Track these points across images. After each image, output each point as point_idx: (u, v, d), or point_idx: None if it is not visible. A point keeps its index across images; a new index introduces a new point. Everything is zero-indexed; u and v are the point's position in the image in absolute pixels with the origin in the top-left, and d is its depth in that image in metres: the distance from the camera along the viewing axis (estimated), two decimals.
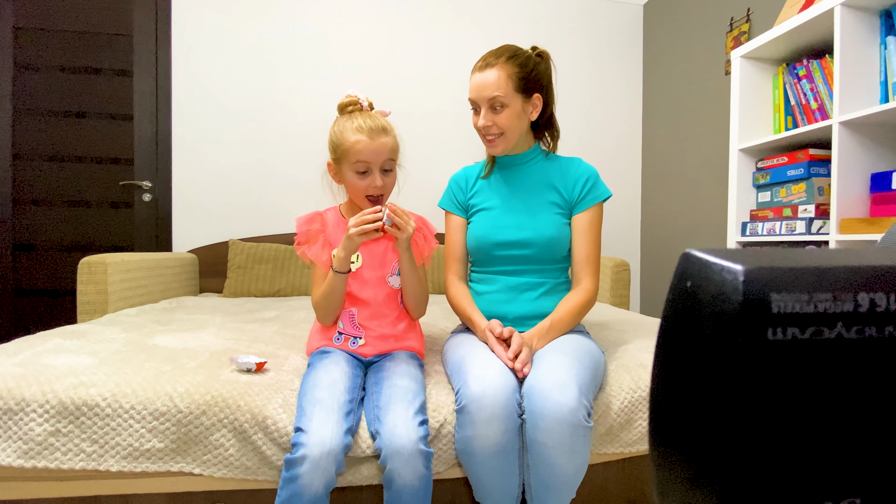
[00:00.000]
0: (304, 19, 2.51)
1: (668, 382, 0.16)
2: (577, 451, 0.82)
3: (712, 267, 0.15)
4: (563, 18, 2.77)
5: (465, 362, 0.93)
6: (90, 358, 1.01)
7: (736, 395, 0.14)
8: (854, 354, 0.14)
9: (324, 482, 0.76)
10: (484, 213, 1.15)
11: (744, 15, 2.10)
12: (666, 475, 0.17)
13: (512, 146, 1.11)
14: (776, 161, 1.64)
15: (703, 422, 0.15)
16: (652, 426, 0.17)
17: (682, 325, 0.17)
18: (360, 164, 0.98)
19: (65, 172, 2.37)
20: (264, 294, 2.21)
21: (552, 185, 1.13)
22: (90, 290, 1.63)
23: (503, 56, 1.06)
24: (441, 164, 2.59)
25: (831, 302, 0.14)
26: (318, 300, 1.01)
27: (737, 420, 0.14)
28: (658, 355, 0.18)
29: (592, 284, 1.09)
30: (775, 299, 0.14)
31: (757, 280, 0.14)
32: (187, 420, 0.86)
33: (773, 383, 0.14)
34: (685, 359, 0.16)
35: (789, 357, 0.14)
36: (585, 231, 1.10)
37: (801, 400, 0.14)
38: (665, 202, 2.66)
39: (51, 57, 2.35)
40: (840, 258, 0.15)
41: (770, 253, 0.16)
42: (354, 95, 1.03)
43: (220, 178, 2.45)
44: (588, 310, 1.09)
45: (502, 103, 1.05)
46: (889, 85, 1.32)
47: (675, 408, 0.16)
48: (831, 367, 0.14)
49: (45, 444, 0.83)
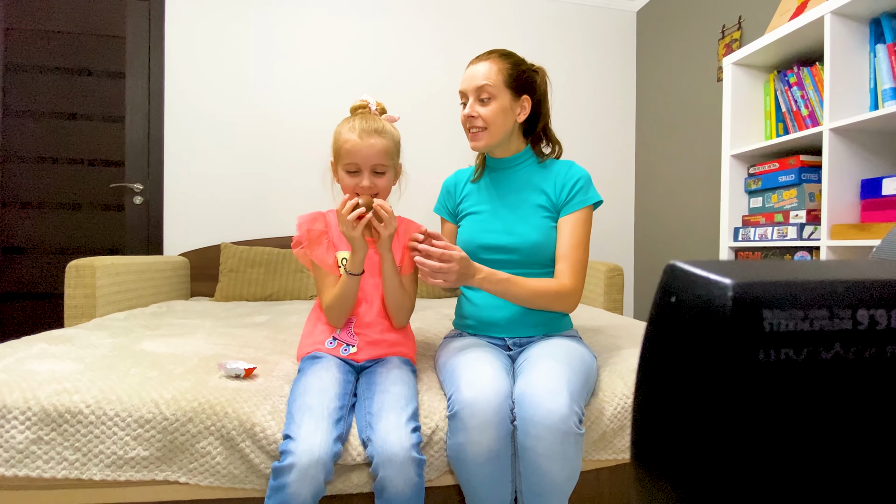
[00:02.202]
0: (298, 24, 2.51)
1: (650, 404, 0.15)
2: (569, 458, 0.81)
3: (698, 280, 0.14)
4: (557, 25, 2.78)
5: (458, 368, 0.92)
6: (75, 363, 0.99)
7: (724, 421, 0.13)
8: (853, 377, 0.13)
9: (312, 491, 0.75)
10: (471, 218, 1.14)
11: (735, 22, 2.12)
12: (648, 496, 0.16)
13: (496, 143, 1.09)
14: (768, 167, 1.65)
15: (689, 446, 0.14)
16: (634, 446, 0.16)
17: (665, 343, 0.16)
18: (350, 164, 0.99)
19: (55, 174, 2.34)
20: (256, 298, 2.19)
21: (540, 189, 1.11)
22: (78, 294, 1.60)
23: (496, 53, 1.08)
24: (433, 170, 2.58)
25: (828, 319, 0.13)
26: (332, 303, 1.00)
27: (725, 448, 0.13)
28: (641, 374, 0.16)
29: (570, 281, 1.04)
30: (767, 316, 0.13)
31: (747, 295, 0.13)
32: (173, 427, 0.84)
33: (765, 409, 0.13)
34: (669, 380, 0.15)
35: (782, 380, 0.13)
36: (569, 233, 1.06)
37: (795, 427, 0.13)
38: (658, 207, 2.67)
39: (42, 58, 2.33)
40: (837, 271, 0.14)
41: (761, 265, 0.15)
42: (365, 100, 1.05)
43: (213, 180, 2.43)
44: (559, 304, 1.04)
45: (490, 94, 1.05)
46: (878, 92, 1.33)
47: (658, 430, 0.15)
48: (828, 391, 0.13)
49: (27, 453, 0.81)
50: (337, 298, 0.99)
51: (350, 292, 0.99)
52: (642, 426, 0.15)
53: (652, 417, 0.15)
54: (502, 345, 1.09)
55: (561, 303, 1.04)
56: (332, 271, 1.02)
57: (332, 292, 1.00)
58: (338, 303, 0.99)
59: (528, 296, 1.01)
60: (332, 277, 1.02)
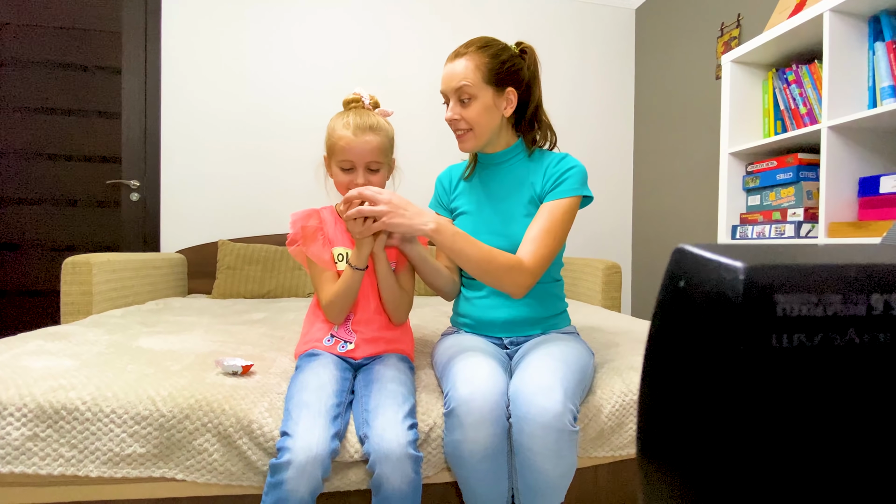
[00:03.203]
0: (296, 20, 2.50)
1: (658, 393, 0.15)
2: (564, 456, 0.81)
3: (709, 264, 0.14)
4: (556, 22, 2.77)
5: (454, 365, 0.92)
6: (71, 360, 0.99)
7: (735, 409, 0.12)
8: (867, 363, 0.12)
9: (310, 488, 0.74)
10: (464, 218, 1.12)
11: (734, 20, 2.12)
12: (655, 491, 0.16)
13: (484, 142, 1.05)
14: (766, 165, 1.65)
15: (699, 437, 0.13)
16: (640, 439, 0.16)
17: (674, 330, 0.15)
18: (345, 162, 0.97)
19: (51, 171, 2.32)
20: (254, 295, 2.18)
21: (530, 183, 1.07)
22: (74, 291, 1.60)
23: (473, 46, 1.01)
24: (429, 166, 2.58)
25: (842, 304, 0.12)
26: (333, 299, 0.98)
27: (737, 437, 0.12)
28: (647, 363, 0.16)
29: (529, 260, 0.96)
30: (780, 301, 0.12)
31: (759, 279, 0.12)
32: (170, 424, 0.84)
33: (777, 396, 0.12)
34: (678, 368, 0.15)
35: (795, 366, 0.12)
36: (545, 217, 0.99)
37: (808, 414, 0.13)
38: (656, 205, 2.67)
39: (37, 53, 2.31)
40: (851, 255, 0.13)
41: (773, 249, 0.14)
42: (358, 93, 1.03)
43: (210, 177, 2.42)
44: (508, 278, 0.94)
45: (470, 94, 1.00)
46: (877, 90, 1.33)
47: (666, 422, 0.14)
48: (842, 377, 0.12)
49: (23, 449, 0.80)
50: (339, 294, 0.98)
51: (353, 287, 0.97)
52: (649, 417, 0.15)
53: (659, 408, 0.15)
54: (499, 343, 1.09)
55: (511, 277, 0.95)
56: (329, 268, 1.01)
57: (333, 288, 0.99)
58: (340, 299, 0.98)
59: (479, 258, 0.93)
60: (328, 274, 1.01)
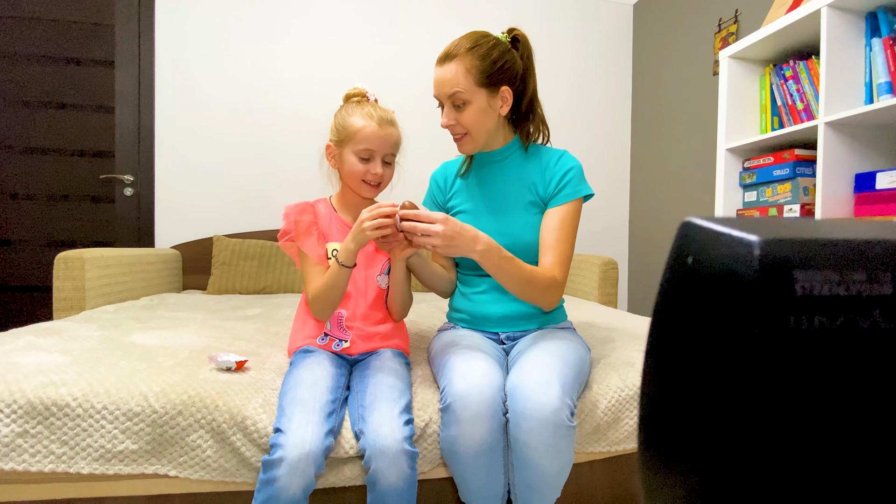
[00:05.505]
0: (292, 12, 2.47)
1: (663, 381, 0.14)
2: (561, 451, 0.80)
3: (720, 238, 0.12)
4: (553, 18, 2.76)
5: (451, 361, 0.91)
6: (62, 356, 0.97)
7: (749, 396, 0.11)
8: (893, 348, 0.11)
9: (302, 485, 0.74)
10: (461, 217, 1.10)
11: (732, 16, 2.11)
12: (657, 481, 0.15)
13: (482, 144, 1.05)
14: (762, 161, 1.65)
15: (708, 427, 0.12)
16: (643, 430, 0.15)
17: (681, 311, 0.14)
18: (365, 151, 0.97)
19: (43, 165, 2.30)
20: (249, 291, 2.17)
21: (530, 183, 1.06)
22: (67, 287, 1.58)
23: (463, 47, 0.98)
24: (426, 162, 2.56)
25: (867, 283, 0.11)
26: (318, 294, 0.96)
27: (750, 426, 0.11)
28: (651, 346, 0.15)
29: (560, 275, 0.98)
30: (800, 278, 0.11)
31: (776, 254, 0.11)
32: (163, 420, 0.83)
33: (795, 383, 0.11)
34: (685, 352, 0.14)
35: (815, 350, 0.11)
36: (557, 225, 1.01)
37: (829, 403, 0.12)
38: (653, 201, 2.67)
39: (29, 46, 2.28)
40: (875, 230, 0.12)
41: (791, 222, 0.13)
42: (363, 89, 1.03)
43: (205, 172, 2.40)
44: (546, 297, 0.97)
45: (464, 100, 0.98)
46: (874, 86, 1.33)
47: (672, 411, 0.13)
48: (865, 363, 0.11)
49: (13, 446, 0.79)
50: (324, 290, 0.95)
51: (340, 284, 0.95)
52: (653, 406, 0.14)
53: (664, 396, 0.14)
54: (496, 338, 1.08)
55: (548, 296, 0.98)
56: (323, 263, 1.00)
57: (318, 283, 0.97)
58: (325, 294, 0.95)
59: (520, 278, 0.94)
60: (320, 268, 0.99)
